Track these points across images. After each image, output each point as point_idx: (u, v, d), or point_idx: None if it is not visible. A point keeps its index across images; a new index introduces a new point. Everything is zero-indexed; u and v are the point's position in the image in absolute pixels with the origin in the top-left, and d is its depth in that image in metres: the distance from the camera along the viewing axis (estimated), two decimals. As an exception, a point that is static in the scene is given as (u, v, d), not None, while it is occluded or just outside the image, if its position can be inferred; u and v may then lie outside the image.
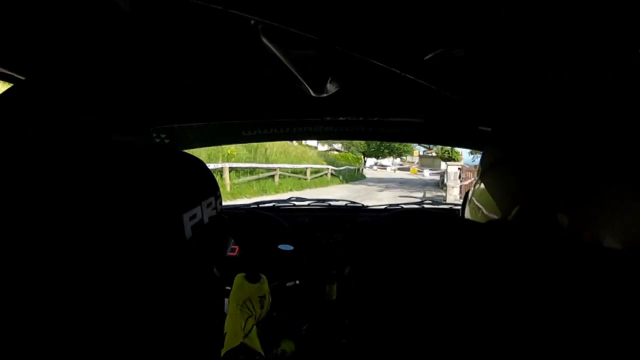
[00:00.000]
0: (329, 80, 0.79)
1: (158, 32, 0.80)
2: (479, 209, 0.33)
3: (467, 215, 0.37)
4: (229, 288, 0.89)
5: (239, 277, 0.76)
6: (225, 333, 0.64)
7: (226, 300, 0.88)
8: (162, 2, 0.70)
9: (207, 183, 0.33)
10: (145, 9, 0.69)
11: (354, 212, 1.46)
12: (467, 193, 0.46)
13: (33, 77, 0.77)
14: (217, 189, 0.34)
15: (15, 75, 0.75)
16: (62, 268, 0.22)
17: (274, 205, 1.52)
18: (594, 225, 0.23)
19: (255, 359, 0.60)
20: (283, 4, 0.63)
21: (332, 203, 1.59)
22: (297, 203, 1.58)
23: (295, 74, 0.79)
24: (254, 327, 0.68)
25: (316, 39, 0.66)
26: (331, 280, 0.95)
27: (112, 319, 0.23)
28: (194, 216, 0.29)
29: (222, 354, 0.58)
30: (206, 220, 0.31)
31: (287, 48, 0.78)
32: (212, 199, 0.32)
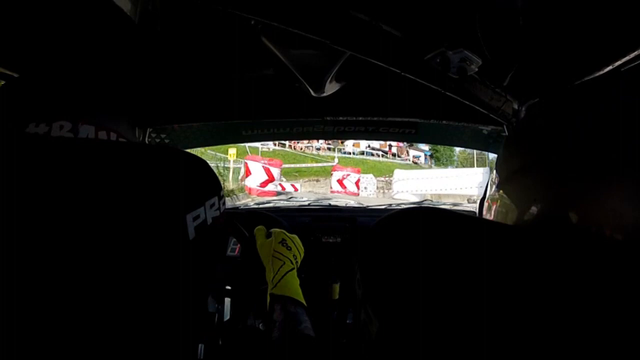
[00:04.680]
0: (329, 80, 0.79)
1: (158, 33, 0.80)
2: (502, 212, 0.33)
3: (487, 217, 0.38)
4: (229, 288, 0.89)
5: (257, 231, 0.75)
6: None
7: (227, 300, 0.88)
8: (162, 3, 0.70)
9: (211, 183, 0.33)
10: (146, 9, 0.69)
11: (354, 212, 1.46)
12: (483, 198, 0.46)
13: (34, 76, 0.76)
14: (221, 189, 0.34)
15: (15, 75, 0.75)
16: (64, 268, 0.22)
17: (274, 205, 1.52)
18: (599, 219, 0.23)
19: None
20: (283, 4, 0.63)
21: (332, 203, 1.59)
22: (297, 203, 1.58)
23: (296, 74, 0.79)
24: (290, 272, 0.68)
25: (316, 40, 0.66)
26: (334, 279, 0.95)
27: (114, 321, 0.23)
28: (198, 217, 0.29)
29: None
30: (209, 221, 0.31)
31: (287, 48, 0.79)
32: (215, 199, 0.32)
